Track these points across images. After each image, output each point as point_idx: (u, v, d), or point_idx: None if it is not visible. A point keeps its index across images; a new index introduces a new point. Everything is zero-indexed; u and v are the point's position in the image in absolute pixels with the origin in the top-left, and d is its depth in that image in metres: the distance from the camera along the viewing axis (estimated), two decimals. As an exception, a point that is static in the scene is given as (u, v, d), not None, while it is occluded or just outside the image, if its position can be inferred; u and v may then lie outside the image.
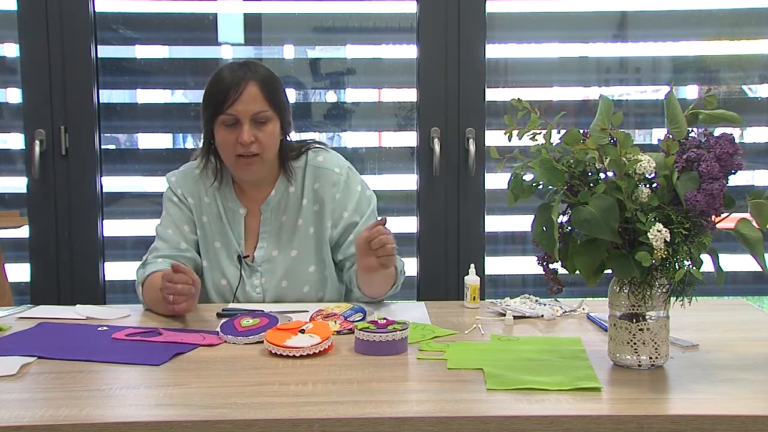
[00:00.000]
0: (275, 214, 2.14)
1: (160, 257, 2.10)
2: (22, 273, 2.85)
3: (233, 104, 2.00)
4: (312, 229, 2.14)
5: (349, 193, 2.14)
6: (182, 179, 2.18)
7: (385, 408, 1.33)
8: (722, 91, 2.97)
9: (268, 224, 2.14)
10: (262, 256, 2.13)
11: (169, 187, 2.19)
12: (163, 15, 2.89)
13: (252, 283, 2.13)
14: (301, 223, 2.14)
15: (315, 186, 2.13)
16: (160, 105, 2.98)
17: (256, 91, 2.01)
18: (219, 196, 2.15)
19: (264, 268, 2.13)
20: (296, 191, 2.15)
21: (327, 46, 2.98)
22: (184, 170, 2.20)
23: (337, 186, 2.13)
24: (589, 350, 1.64)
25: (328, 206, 2.12)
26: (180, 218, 2.15)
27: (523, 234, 2.99)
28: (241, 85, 2.00)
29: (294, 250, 2.13)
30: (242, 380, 1.48)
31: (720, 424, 1.30)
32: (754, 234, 1.46)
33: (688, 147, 1.46)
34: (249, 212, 2.15)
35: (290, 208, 2.14)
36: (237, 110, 2.00)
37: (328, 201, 2.12)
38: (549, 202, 1.46)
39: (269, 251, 2.13)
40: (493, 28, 2.87)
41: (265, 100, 2.02)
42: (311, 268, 2.14)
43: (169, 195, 2.18)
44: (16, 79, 2.82)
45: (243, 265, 2.12)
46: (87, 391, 1.42)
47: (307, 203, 2.13)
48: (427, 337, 1.74)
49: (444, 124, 2.84)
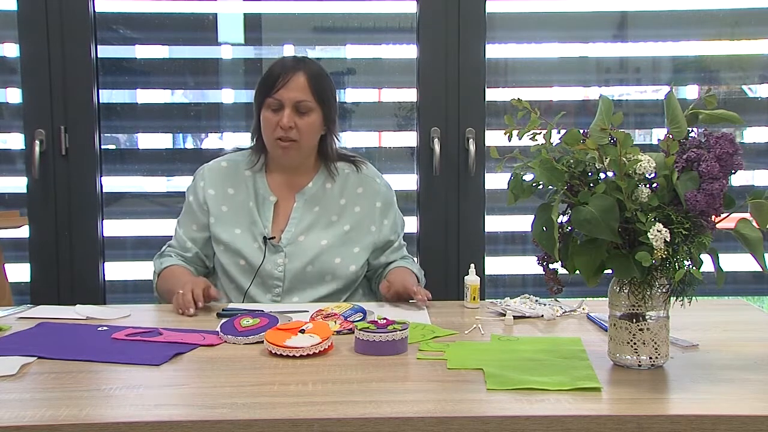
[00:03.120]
0: (309, 204, 2.24)
1: (173, 253, 2.26)
2: (22, 273, 2.85)
3: (280, 89, 2.14)
4: (348, 226, 2.24)
5: (390, 207, 2.30)
6: (209, 172, 2.28)
7: (385, 408, 1.33)
8: (722, 91, 2.97)
9: (299, 211, 2.23)
10: (289, 238, 2.21)
11: (193, 181, 2.30)
12: (163, 15, 2.89)
13: (275, 261, 2.18)
14: (336, 219, 2.24)
15: (359, 190, 2.27)
16: (160, 105, 2.98)
17: (302, 81, 2.15)
18: (250, 183, 2.25)
19: (288, 250, 2.19)
20: (333, 189, 2.26)
21: (327, 46, 2.98)
22: (213, 163, 2.31)
23: (378, 195, 2.28)
24: (589, 350, 1.64)
25: (370, 212, 2.26)
26: (190, 215, 2.26)
27: (523, 234, 2.99)
28: (289, 74, 2.15)
29: (325, 240, 2.21)
30: (242, 380, 1.48)
31: (720, 424, 1.30)
32: (754, 234, 1.46)
33: (688, 147, 1.46)
34: (279, 200, 2.24)
35: (325, 202, 2.25)
36: (282, 95, 2.14)
37: (370, 207, 2.26)
38: (549, 202, 1.46)
39: (296, 235, 2.21)
40: (493, 28, 2.87)
41: (310, 91, 2.15)
42: (337, 260, 2.20)
43: (191, 187, 2.29)
44: (16, 79, 2.82)
45: (268, 245, 2.19)
46: (87, 391, 1.42)
47: (346, 203, 2.25)
48: (427, 337, 1.74)
49: (444, 124, 2.84)
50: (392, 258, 2.29)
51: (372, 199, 2.27)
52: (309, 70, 2.18)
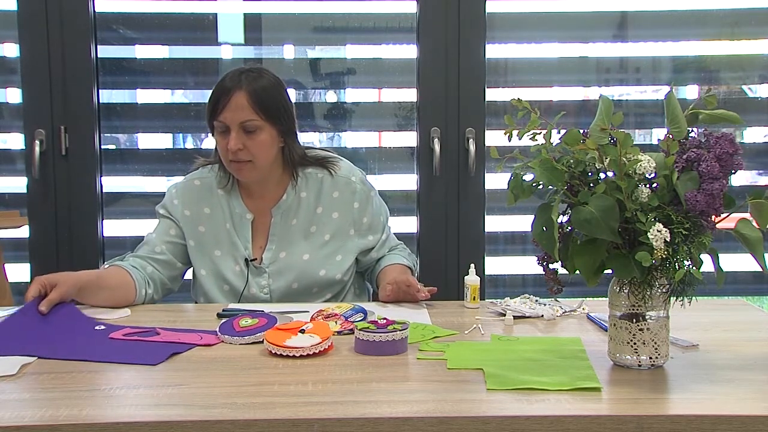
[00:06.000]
0: (285, 218, 2.18)
1: (133, 256, 2.16)
2: (22, 273, 2.85)
3: (222, 112, 2.06)
4: (329, 235, 2.19)
5: (368, 204, 2.23)
6: (182, 191, 2.21)
7: (385, 408, 1.33)
8: (722, 91, 2.97)
9: (277, 227, 2.17)
10: (270, 257, 2.16)
11: (164, 199, 2.23)
12: (163, 15, 2.89)
13: (258, 284, 2.15)
14: (316, 229, 2.18)
15: (334, 195, 2.20)
16: (160, 105, 2.98)
17: (243, 100, 2.05)
18: (225, 202, 2.18)
19: (271, 270, 2.15)
20: (308, 197, 2.19)
21: (327, 46, 2.98)
22: (185, 182, 2.23)
23: (355, 195, 2.21)
24: (589, 350, 1.64)
25: (348, 215, 2.20)
26: (165, 227, 2.20)
27: (523, 234, 2.99)
28: (230, 94, 2.05)
29: (306, 254, 2.16)
30: (242, 380, 1.48)
31: (720, 424, 1.30)
32: (754, 234, 1.46)
33: (688, 147, 1.46)
34: (256, 217, 2.18)
35: (301, 213, 2.19)
36: (225, 117, 2.06)
37: (347, 210, 2.20)
38: (549, 202, 1.46)
39: (277, 253, 2.16)
40: (493, 28, 2.87)
41: (253, 110, 2.05)
42: (322, 272, 2.17)
43: (161, 206, 2.22)
44: (16, 79, 2.82)
45: (250, 267, 2.14)
46: (87, 391, 1.42)
47: (323, 211, 2.19)
48: (427, 337, 1.74)
49: (444, 124, 2.84)
50: (382, 252, 2.27)
51: (349, 202, 2.20)
52: (249, 86, 2.05)
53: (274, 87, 2.12)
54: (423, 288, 2.04)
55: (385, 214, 2.31)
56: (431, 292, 2.04)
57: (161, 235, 2.19)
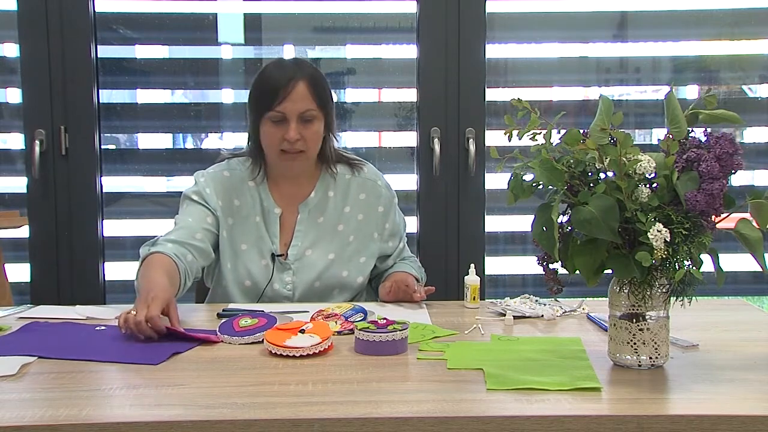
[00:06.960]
0: (313, 215, 2.17)
1: (170, 241, 2.02)
2: (22, 273, 2.85)
3: (282, 102, 2.02)
4: (353, 237, 2.18)
5: (390, 210, 2.23)
6: (212, 181, 2.15)
7: (385, 408, 1.33)
8: (722, 91, 2.97)
9: (303, 223, 2.16)
10: (296, 254, 2.14)
11: (195, 186, 2.15)
12: (163, 15, 2.90)
13: (282, 280, 2.13)
14: (342, 229, 2.18)
15: (361, 197, 2.20)
16: (160, 105, 2.98)
17: (304, 89, 2.03)
18: (256, 195, 2.15)
19: (296, 266, 2.14)
20: (336, 197, 2.18)
21: (327, 46, 2.98)
22: (213, 172, 2.17)
23: (380, 199, 2.21)
24: (589, 350, 1.64)
25: (373, 218, 2.20)
26: (201, 214, 2.10)
27: (523, 234, 2.99)
28: (290, 84, 2.02)
29: (332, 254, 2.16)
30: (242, 380, 1.48)
31: (720, 424, 1.30)
32: (754, 234, 1.46)
33: (688, 147, 1.46)
34: (283, 212, 2.16)
35: (329, 212, 2.18)
36: (286, 108, 2.02)
37: (372, 213, 2.20)
38: (549, 202, 1.46)
39: (302, 249, 2.15)
40: (493, 28, 2.87)
41: (313, 99, 2.05)
42: (345, 273, 2.16)
43: (194, 193, 2.13)
44: (16, 79, 2.82)
45: (276, 262, 2.13)
46: (87, 391, 1.42)
47: (350, 211, 2.18)
48: (427, 337, 1.74)
49: (444, 124, 2.84)
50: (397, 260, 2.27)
51: (374, 205, 2.20)
52: (308, 75, 2.05)
53: (323, 76, 2.12)
54: (420, 288, 2.04)
55: (404, 223, 2.30)
56: (428, 291, 2.04)
57: (199, 221, 2.09)
